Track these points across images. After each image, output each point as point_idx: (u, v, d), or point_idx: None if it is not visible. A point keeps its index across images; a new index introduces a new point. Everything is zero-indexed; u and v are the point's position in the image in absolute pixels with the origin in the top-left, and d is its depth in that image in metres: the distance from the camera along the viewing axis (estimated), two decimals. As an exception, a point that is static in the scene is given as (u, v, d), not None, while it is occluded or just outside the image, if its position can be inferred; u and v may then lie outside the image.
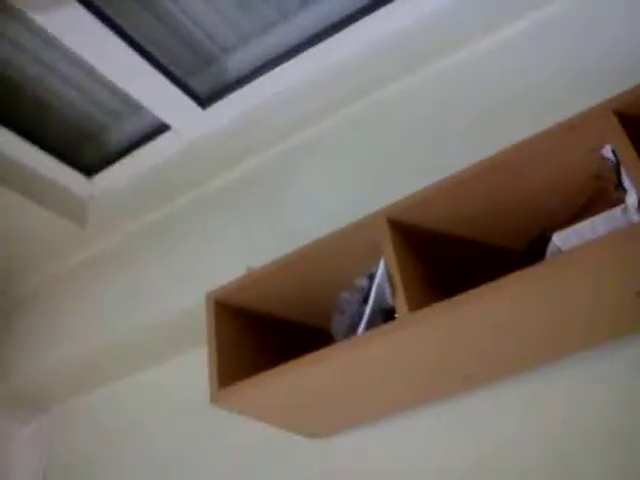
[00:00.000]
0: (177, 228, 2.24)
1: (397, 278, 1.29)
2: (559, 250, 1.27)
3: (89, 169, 2.44)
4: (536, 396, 1.50)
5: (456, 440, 1.57)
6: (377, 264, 1.40)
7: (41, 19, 1.82)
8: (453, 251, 1.50)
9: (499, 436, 1.51)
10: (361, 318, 1.38)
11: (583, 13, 1.72)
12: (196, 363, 2.12)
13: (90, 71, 2.08)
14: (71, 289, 2.43)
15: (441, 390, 1.56)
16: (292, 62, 2.09)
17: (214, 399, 1.46)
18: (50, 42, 1.97)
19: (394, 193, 1.49)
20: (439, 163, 1.57)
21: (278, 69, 2.11)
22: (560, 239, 1.28)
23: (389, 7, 1.96)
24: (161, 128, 2.30)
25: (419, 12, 1.92)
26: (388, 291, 1.32)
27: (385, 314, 1.37)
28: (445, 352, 1.36)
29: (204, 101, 2.21)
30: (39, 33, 1.93)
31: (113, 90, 2.17)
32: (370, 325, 1.35)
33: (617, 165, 1.20)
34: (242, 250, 2.01)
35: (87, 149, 2.39)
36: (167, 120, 2.22)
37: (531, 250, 1.46)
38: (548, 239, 1.31)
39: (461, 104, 1.81)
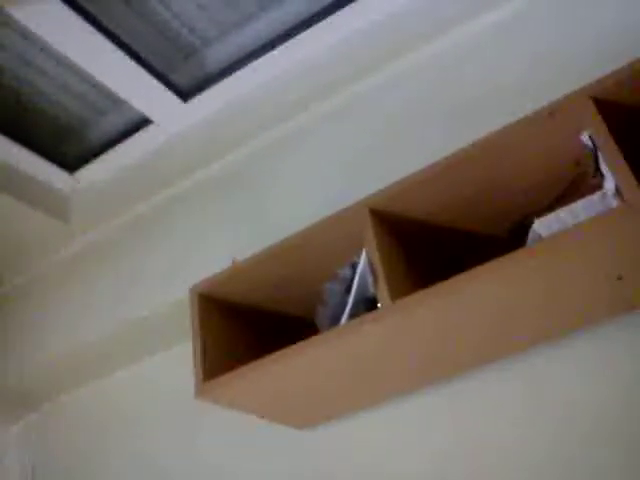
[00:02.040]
0: (161, 222, 2.24)
1: (379, 267, 1.30)
2: (540, 237, 1.28)
3: (71, 165, 2.43)
4: (518, 381, 1.52)
5: (445, 426, 1.58)
6: (360, 254, 1.40)
7: (20, 15, 1.80)
8: (435, 240, 1.50)
9: (488, 422, 1.52)
10: (344, 308, 1.39)
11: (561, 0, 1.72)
12: (184, 357, 2.11)
13: (70, 66, 2.06)
14: (56, 285, 2.41)
15: (427, 377, 1.57)
16: (272, 54, 2.09)
17: (199, 392, 1.46)
18: (30, 38, 1.96)
19: (377, 183, 1.49)
20: (421, 152, 1.57)
21: (259, 61, 2.11)
22: (541, 226, 1.29)
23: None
24: (143, 122, 2.29)
25: (399, 1, 1.92)
26: (370, 281, 1.32)
27: (368, 304, 1.38)
28: (430, 339, 1.37)
29: (185, 94, 2.20)
30: (19, 29, 1.92)
31: (94, 85, 2.15)
32: (353, 315, 1.35)
33: (595, 151, 1.20)
34: (227, 243, 2.01)
35: (69, 145, 2.38)
36: (148, 114, 2.21)
37: (513, 237, 1.47)
38: (529, 226, 1.31)
39: (441, 94, 1.81)
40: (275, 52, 2.08)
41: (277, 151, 2.09)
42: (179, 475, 1.99)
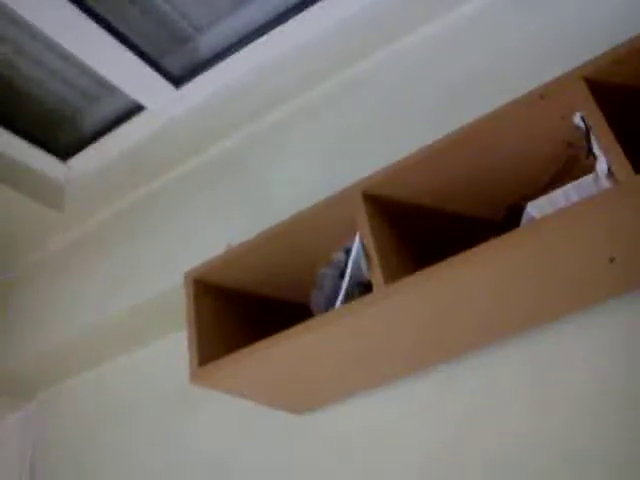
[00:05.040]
0: (156, 209, 2.23)
1: (373, 251, 1.30)
2: (533, 219, 1.28)
3: (64, 152, 2.42)
4: (515, 363, 1.52)
5: (443, 409, 1.58)
6: (354, 238, 1.40)
7: (12, 2, 1.80)
8: (429, 223, 1.50)
9: (486, 404, 1.53)
10: (339, 293, 1.39)
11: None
12: (180, 345, 2.11)
13: (62, 53, 2.06)
14: (51, 274, 2.42)
15: (424, 360, 1.57)
16: (264, 39, 2.08)
17: (194, 377, 1.46)
18: (22, 25, 1.95)
19: (370, 167, 1.49)
20: (414, 136, 1.57)
21: (250, 46, 2.10)
22: (534, 208, 1.29)
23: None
24: (135, 109, 2.29)
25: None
26: (364, 265, 1.32)
27: (362, 288, 1.38)
28: (425, 322, 1.37)
29: (178, 80, 2.19)
30: (10, 16, 1.91)
31: (86, 72, 2.15)
32: (348, 299, 1.35)
33: (587, 132, 1.20)
34: (222, 229, 2.01)
35: (61, 132, 2.37)
36: (141, 101, 2.20)
37: (506, 220, 1.47)
38: (523, 208, 1.32)
39: (432, 77, 1.81)
40: (267, 37, 2.07)
41: (270, 136, 2.08)
42: (176, 463, 1.99)
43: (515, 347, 1.53)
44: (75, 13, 1.88)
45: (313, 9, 2.00)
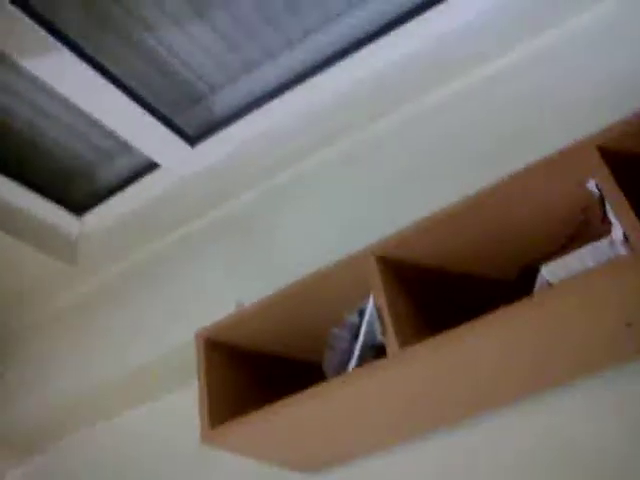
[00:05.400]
0: (167, 265, 2.24)
1: (386, 314, 1.29)
2: (548, 282, 1.28)
3: (79, 208, 2.45)
4: (527, 425, 1.50)
5: (451, 473, 1.56)
6: (367, 299, 1.40)
7: (29, 63, 1.84)
8: (443, 285, 1.50)
9: (497, 466, 1.50)
10: (352, 354, 1.38)
11: (571, 47, 1.75)
12: (190, 400, 2.10)
13: (78, 112, 2.09)
14: (61, 328, 2.41)
15: (435, 423, 1.55)
16: (280, 100, 2.11)
17: (205, 438, 1.44)
18: (38, 85, 1.98)
19: (383, 229, 1.50)
20: (427, 199, 1.58)
21: (266, 107, 2.13)
22: (548, 272, 1.29)
23: (370, 47, 1.99)
24: (150, 166, 2.31)
25: (403, 50, 1.95)
26: (378, 327, 1.32)
27: (376, 350, 1.37)
28: (438, 385, 1.36)
29: (193, 139, 2.23)
30: (27, 76, 1.95)
31: (102, 130, 2.18)
32: (361, 361, 1.35)
33: (602, 198, 1.21)
34: (233, 287, 2.01)
35: (76, 188, 2.39)
36: (156, 159, 2.23)
37: (520, 281, 1.47)
38: (537, 271, 1.31)
39: (446, 142, 1.83)
40: (282, 98, 2.11)
41: (283, 197, 2.10)
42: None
43: (529, 409, 1.51)
44: (91, 73, 1.92)
45: (328, 71, 2.04)
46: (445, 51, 1.90)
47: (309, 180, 2.07)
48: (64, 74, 1.90)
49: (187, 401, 2.11)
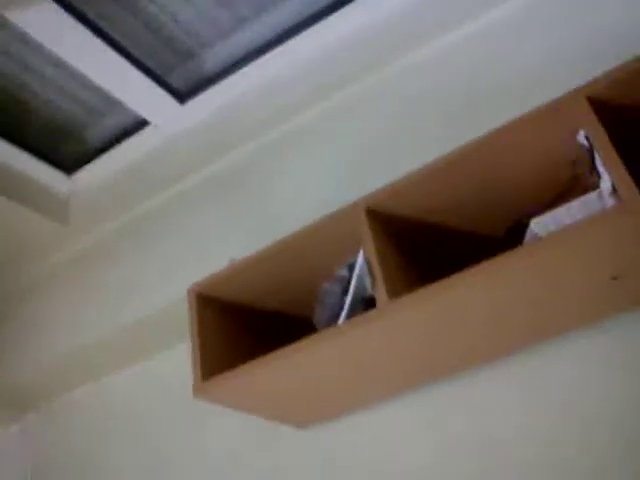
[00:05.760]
0: (160, 223, 2.24)
1: (376, 267, 1.30)
2: (537, 236, 1.28)
3: (69, 167, 2.44)
4: (517, 379, 1.53)
5: (444, 424, 1.59)
6: (357, 254, 1.40)
7: (18, 19, 1.81)
8: (433, 239, 1.51)
9: (487, 419, 1.53)
10: (342, 308, 1.39)
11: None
12: (185, 357, 2.12)
13: (68, 69, 2.07)
14: (55, 287, 2.42)
15: (428, 375, 1.57)
16: (269, 55, 2.10)
17: (197, 392, 1.46)
18: (27, 42, 1.96)
19: (375, 183, 1.50)
20: (418, 152, 1.58)
21: (256, 63, 2.11)
22: (537, 225, 1.29)
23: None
24: (140, 124, 2.30)
25: (393, 2, 1.93)
26: (368, 280, 1.32)
27: (366, 303, 1.38)
28: (427, 338, 1.37)
29: (183, 96, 2.21)
30: (17, 33, 1.92)
31: (91, 87, 2.16)
32: (351, 314, 1.36)
33: (591, 150, 1.21)
34: (226, 243, 2.01)
35: (66, 147, 2.38)
36: (146, 116, 2.21)
37: (510, 237, 1.48)
38: (526, 225, 1.32)
39: (436, 94, 1.82)
40: (272, 54, 2.09)
41: (274, 152, 2.09)
42: (182, 476, 1.99)
43: (518, 363, 1.53)
44: (80, 30, 1.89)
45: (317, 27, 2.03)
46: (427, 10, 1.88)
47: (301, 135, 2.06)
48: (53, 31, 1.88)
49: (183, 357, 2.14)
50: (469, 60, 1.81)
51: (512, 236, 1.45)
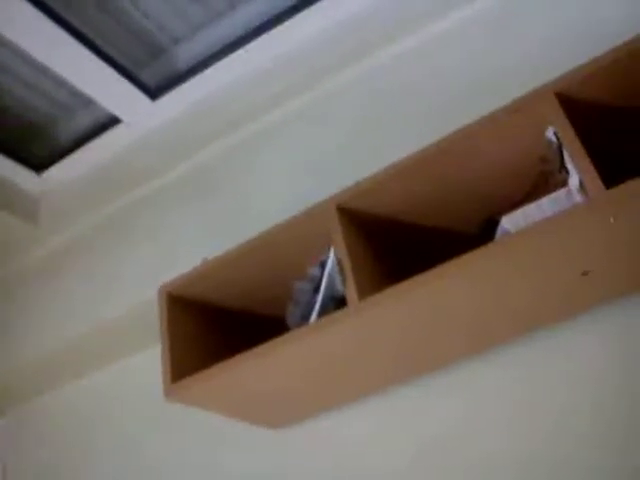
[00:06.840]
0: (132, 222, 2.22)
1: (347, 266, 1.29)
2: (508, 232, 1.28)
3: (39, 165, 2.40)
4: (492, 375, 1.53)
5: (420, 422, 1.58)
6: (329, 252, 1.39)
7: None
8: (404, 237, 1.50)
9: (462, 416, 1.53)
10: (314, 307, 1.38)
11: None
12: (157, 358, 2.10)
13: (37, 65, 2.04)
14: (24, 288, 2.38)
15: (401, 375, 1.57)
16: (242, 51, 2.08)
17: (168, 394, 1.44)
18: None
19: (346, 181, 1.48)
20: (389, 150, 1.57)
21: (227, 59, 2.10)
22: (509, 222, 1.29)
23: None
24: (111, 121, 2.27)
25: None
26: (339, 279, 1.31)
27: (337, 302, 1.37)
28: (400, 336, 1.37)
29: (154, 93, 2.19)
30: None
31: (61, 84, 2.13)
32: (323, 313, 1.35)
33: (560, 148, 1.21)
34: (199, 242, 2.00)
35: (36, 145, 2.35)
36: (117, 113, 2.19)
37: (481, 233, 1.47)
38: (497, 222, 1.32)
39: (408, 93, 1.82)
40: (243, 50, 2.08)
41: (246, 150, 2.08)
42: (156, 476, 1.97)
43: (491, 360, 1.53)
44: (50, 26, 1.87)
45: (289, 23, 2.01)
46: (395, 10, 1.88)
47: (271, 133, 2.05)
48: (22, 28, 1.85)
49: (155, 359, 2.11)
50: (442, 58, 1.81)
51: (484, 233, 1.45)
